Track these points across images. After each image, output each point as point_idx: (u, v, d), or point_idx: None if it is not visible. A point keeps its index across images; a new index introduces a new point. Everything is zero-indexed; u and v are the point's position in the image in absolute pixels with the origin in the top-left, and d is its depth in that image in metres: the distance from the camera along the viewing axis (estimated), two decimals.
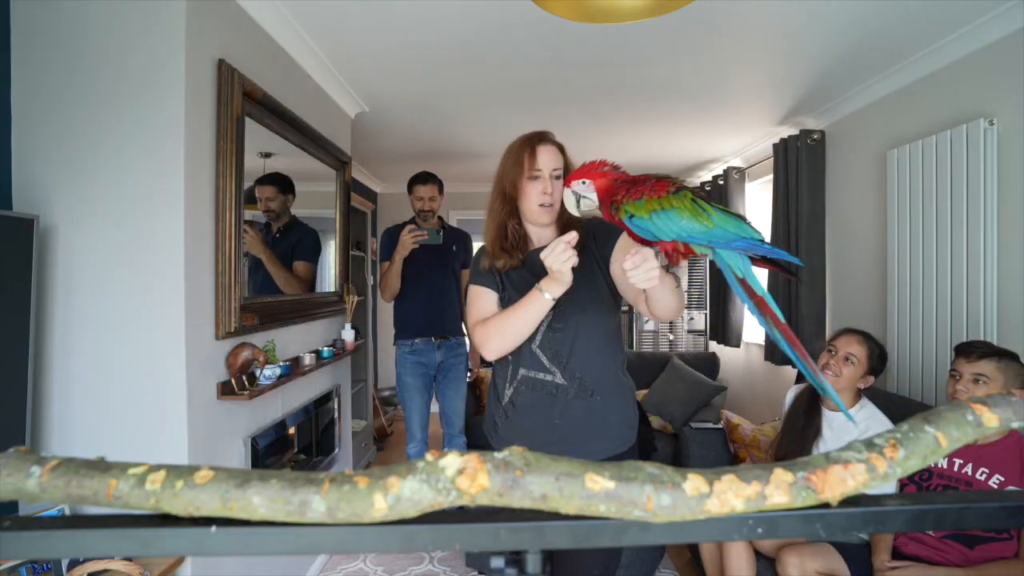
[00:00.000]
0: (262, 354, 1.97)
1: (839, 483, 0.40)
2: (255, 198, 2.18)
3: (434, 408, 3.14)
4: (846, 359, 2.03)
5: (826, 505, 0.41)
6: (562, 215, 1.45)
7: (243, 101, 1.94)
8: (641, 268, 1.08)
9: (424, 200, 3.09)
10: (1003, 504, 0.43)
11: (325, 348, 2.67)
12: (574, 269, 1.22)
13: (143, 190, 1.67)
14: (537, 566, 0.44)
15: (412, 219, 3.15)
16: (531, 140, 1.43)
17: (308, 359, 2.47)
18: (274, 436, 2.24)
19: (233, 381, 1.88)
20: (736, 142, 4.21)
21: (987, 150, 2.21)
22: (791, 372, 3.60)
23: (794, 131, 3.54)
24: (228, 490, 0.40)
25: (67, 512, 1.53)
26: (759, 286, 1.03)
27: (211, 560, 1.75)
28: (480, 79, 2.88)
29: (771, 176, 3.83)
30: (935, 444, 0.42)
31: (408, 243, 2.87)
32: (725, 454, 2.89)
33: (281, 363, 2.15)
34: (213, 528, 0.40)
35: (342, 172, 3.10)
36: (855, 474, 0.41)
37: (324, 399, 2.79)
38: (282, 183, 2.39)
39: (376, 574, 2.75)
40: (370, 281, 5.14)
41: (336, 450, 2.94)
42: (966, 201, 2.30)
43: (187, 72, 1.67)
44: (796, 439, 2.08)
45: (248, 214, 2.06)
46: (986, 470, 1.75)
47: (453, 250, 3.13)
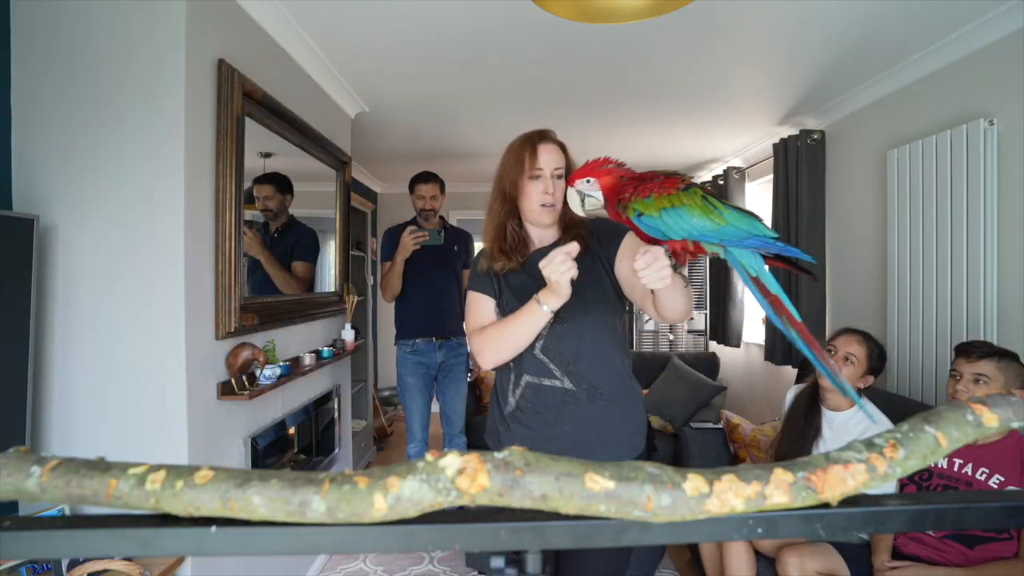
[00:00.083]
0: (262, 354, 1.97)
1: (839, 483, 0.40)
2: (253, 197, 2.17)
3: (434, 408, 3.15)
4: (845, 359, 2.03)
5: (826, 505, 0.41)
6: (564, 215, 1.41)
7: (243, 101, 1.94)
8: (653, 268, 1.04)
9: (426, 199, 3.08)
10: (1003, 504, 0.43)
11: (325, 348, 2.67)
12: (578, 269, 1.17)
13: (143, 190, 1.67)
14: (537, 566, 0.44)
15: (414, 219, 3.15)
16: (532, 138, 1.39)
17: (308, 359, 2.47)
18: (274, 436, 2.24)
19: (233, 381, 1.88)
20: (736, 142, 4.21)
21: (987, 150, 2.21)
22: (791, 372, 3.60)
23: (794, 131, 3.54)
24: (228, 490, 0.40)
25: (67, 512, 1.53)
26: (774, 284, 0.99)
27: (211, 560, 1.75)
28: (480, 79, 2.88)
29: (771, 176, 3.83)
30: (935, 444, 0.42)
31: (409, 245, 2.87)
32: (725, 454, 2.89)
33: (281, 363, 2.15)
34: (213, 528, 0.40)
35: (342, 172, 3.10)
36: (855, 474, 0.41)
37: (324, 399, 2.79)
38: (280, 182, 2.39)
39: (376, 574, 2.75)
40: (370, 281, 5.14)
41: (336, 450, 2.94)
42: (966, 201, 2.30)
43: (187, 72, 1.67)
44: (796, 439, 2.08)
45: (246, 214, 2.05)
46: (986, 470, 1.74)
47: (454, 250, 3.13)
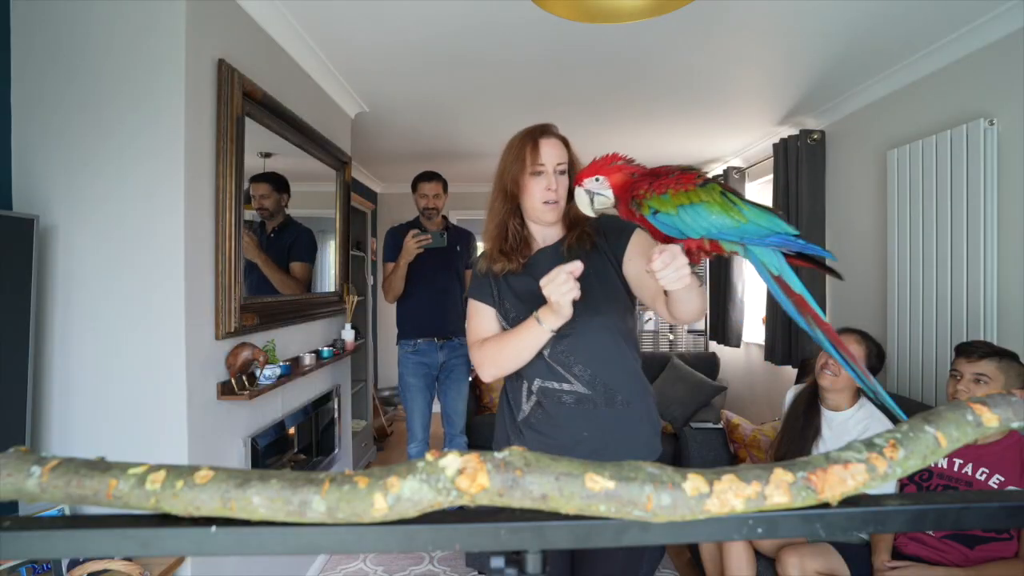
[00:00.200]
0: (262, 354, 1.97)
1: (839, 483, 0.40)
2: (249, 196, 2.16)
3: (435, 408, 3.15)
4: None
5: (826, 505, 0.41)
6: (567, 213, 1.37)
7: (243, 101, 1.94)
8: (671, 267, 0.97)
9: (428, 198, 3.08)
10: (1003, 504, 0.43)
11: (325, 348, 2.67)
12: (586, 269, 1.12)
13: (143, 190, 1.67)
14: (537, 566, 0.44)
15: (416, 219, 3.15)
16: (533, 133, 1.34)
17: (308, 359, 2.46)
18: (274, 436, 2.24)
19: (233, 381, 1.88)
20: (736, 142, 4.21)
21: (987, 150, 2.21)
22: (791, 372, 3.60)
23: (794, 131, 3.54)
24: (228, 490, 0.40)
25: (67, 512, 1.53)
26: (797, 284, 0.94)
27: (211, 560, 1.75)
28: (480, 79, 2.88)
29: (771, 176, 3.83)
30: (935, 444, 0.42)
31: (413, 249, 2.87)
32: (725, 454, 2.89)
33: (281, 363, 2.14)
34: (213, 528, 0.40)
35: (342, 172, 3.10)
36: (855, 474, 0.41)
37: (324, 399, 2.79)
38: (276, 181, 2.38)
39: (376, 574, 2.75)
40: (370, 281, 5.14)
41: (336, 450, 2.94)
42: (966, 201, 2.30)
43: (187, 72, 1.67)
44: (796, 439, 2.08)
45: (244, 214, 2.05)
46: (986, 470, 1.74)
47: (457, 250, 3.13)
